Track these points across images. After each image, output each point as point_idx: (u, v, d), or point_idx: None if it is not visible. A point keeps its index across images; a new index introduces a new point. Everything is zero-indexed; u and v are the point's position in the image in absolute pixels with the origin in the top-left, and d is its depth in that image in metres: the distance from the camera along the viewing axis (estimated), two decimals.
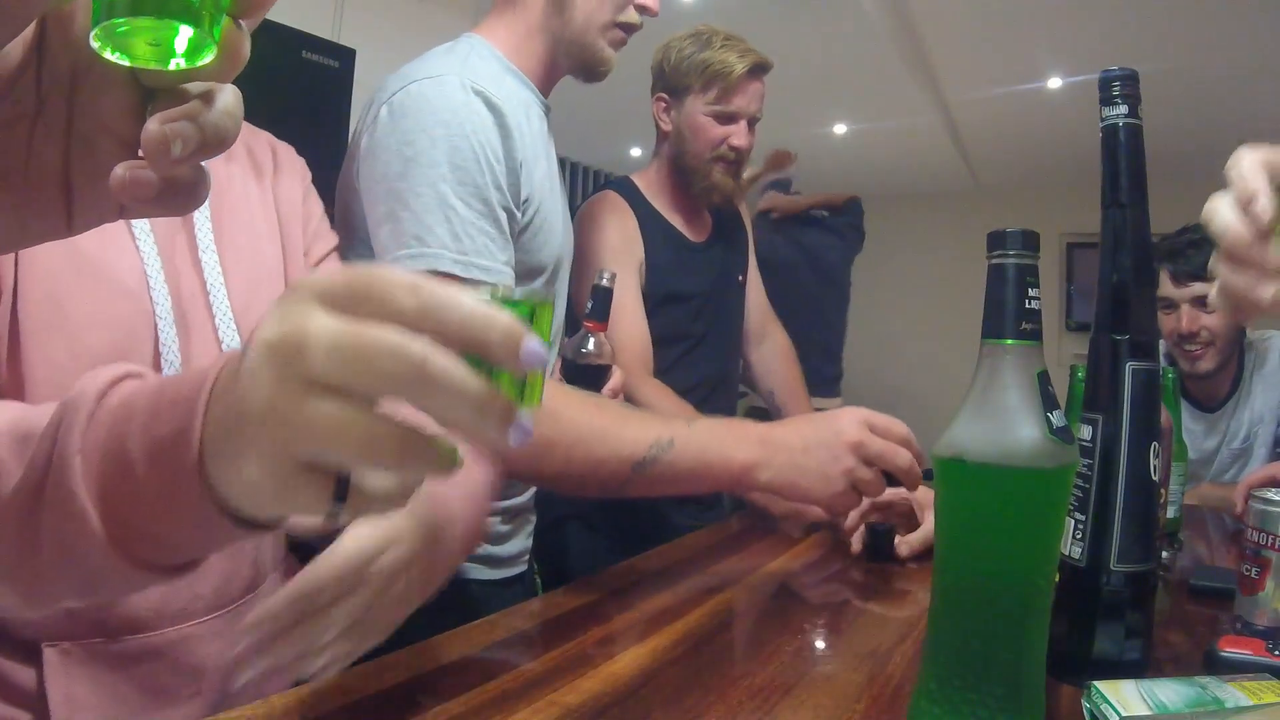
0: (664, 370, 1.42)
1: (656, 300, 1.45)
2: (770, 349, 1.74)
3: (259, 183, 0.78)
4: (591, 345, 1.03)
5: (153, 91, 0.30)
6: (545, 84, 1.07)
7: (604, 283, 1.03)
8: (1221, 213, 0.48)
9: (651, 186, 1.53)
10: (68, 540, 0.37)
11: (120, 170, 0.28)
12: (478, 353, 0.30)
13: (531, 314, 0.35)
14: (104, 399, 0.38)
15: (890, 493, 0.93)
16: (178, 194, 0.30)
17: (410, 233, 0.84)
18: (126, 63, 0.27)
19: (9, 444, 0.39)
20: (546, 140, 1.06)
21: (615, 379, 1.09)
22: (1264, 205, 0.45)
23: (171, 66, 0.28)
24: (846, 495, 0.81)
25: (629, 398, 1.30)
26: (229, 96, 0.30)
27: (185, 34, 0.26)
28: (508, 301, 0.33)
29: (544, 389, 0.39)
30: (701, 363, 1.53)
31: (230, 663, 0.49)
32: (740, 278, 1.64)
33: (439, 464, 0.31)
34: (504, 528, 1.11)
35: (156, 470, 0.35)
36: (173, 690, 0.64)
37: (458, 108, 0.87)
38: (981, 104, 4.11)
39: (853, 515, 1.02)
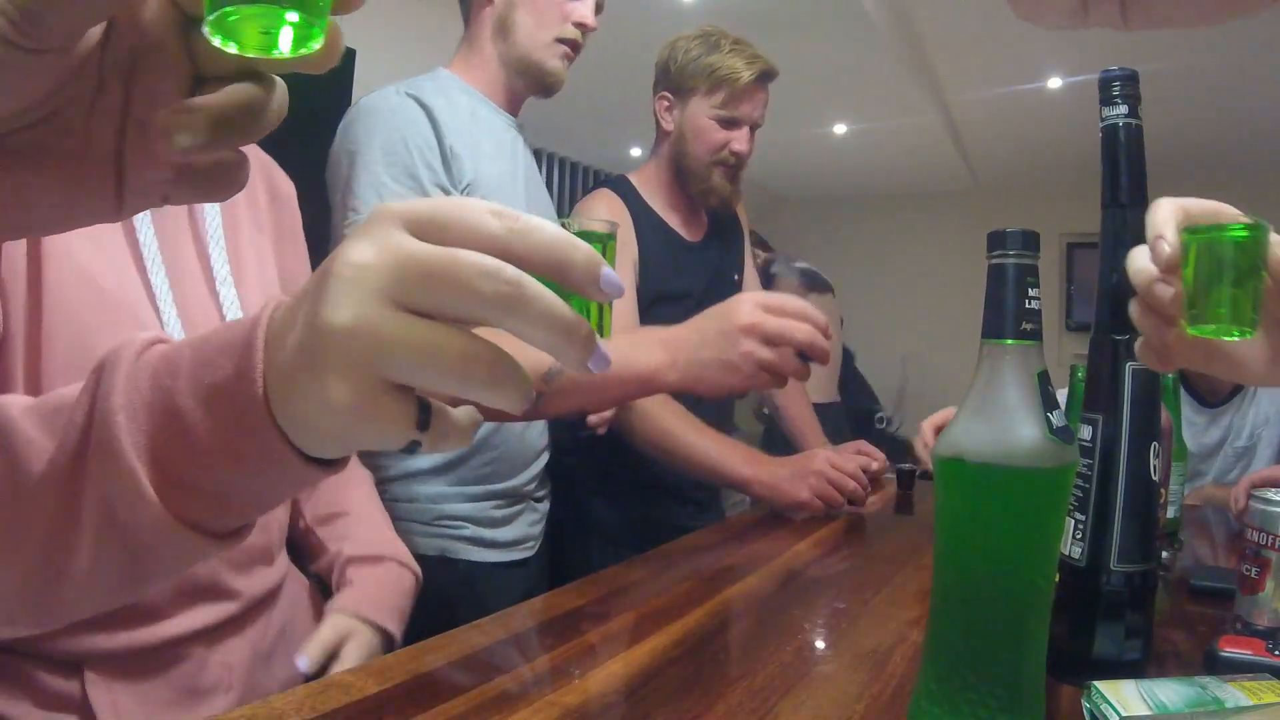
0: None
1: (650, 299, 1.45)
2: None
3: (257, 217, 0.79)
4: None
5: (203, 79, 0.30)
6: (511, 105, 1.24)
7: None
8: (1136, 258, 0.51)
9: (648, 184, 1.53)
10: (113, 509, 0.35)
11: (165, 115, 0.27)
12: (560, 278, 0.31)
13: (603, 246, 0.36)
14: (141, 357, 0.37)
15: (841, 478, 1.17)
16: (217, 178, 0.29)
17: (349, 206, 1.04)
18: (236, 51, 0.27)
19: (36, 420, 0.37)
20: (517, 151, 1.24)
21: None
22: (1167, 243, 0.47)
23: (278, 55, 0.28)
24: (755, 378, 0.80)
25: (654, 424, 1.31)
26: (251, 95, 0.29)
27: (294, 21, 0.27)
28: (580, 233, 0.35)
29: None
30: None
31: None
32: (736, 277, 1.64)
33: (520, 391, 0.31)
34: (498, 513, 1.12)
35: (214, 416, 0.34)
36: (207, 687, 0.66)
37: (394, 108, 1.06)
38: (981, 104, 4.11)
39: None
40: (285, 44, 0.27)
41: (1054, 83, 3.75)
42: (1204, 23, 0.37)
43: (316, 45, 0.28)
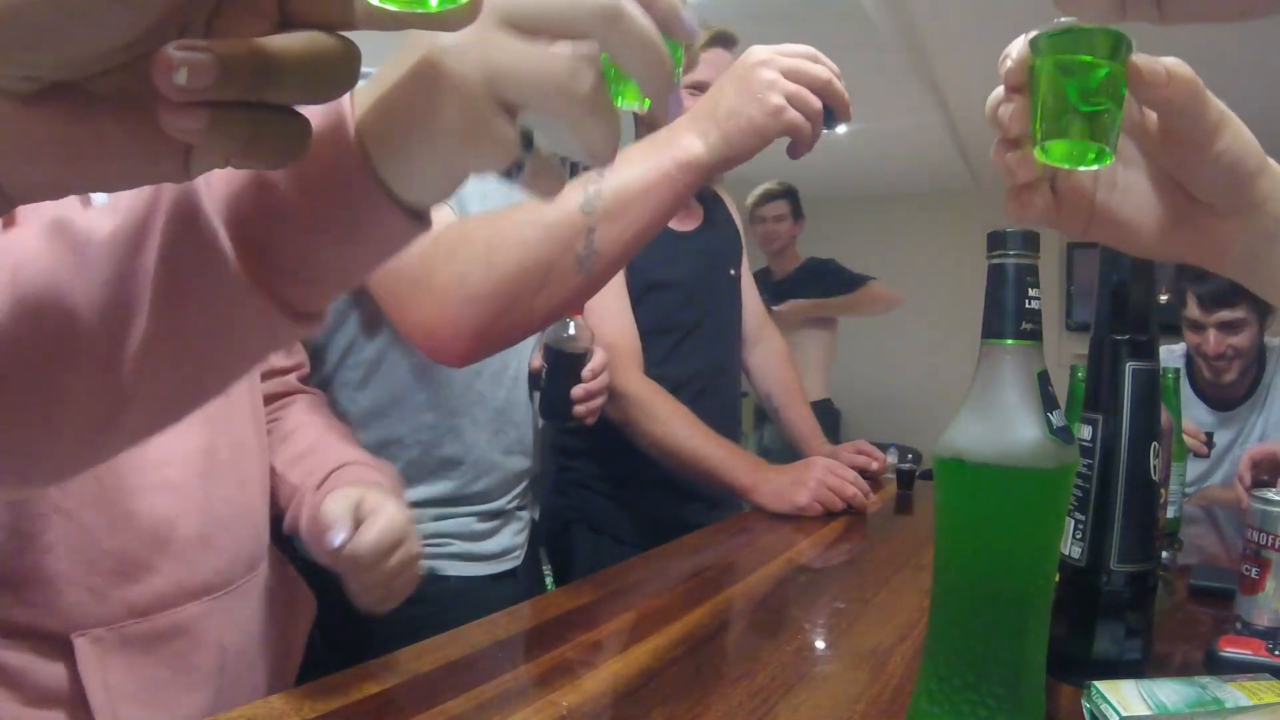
0: (657, 363, 1.42)
1: (640, 288, 1.45)
2: (766, 351, 1.74)
3: None
4: (572, 329, 1.06)
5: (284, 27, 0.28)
6: None
7: None
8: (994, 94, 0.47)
9: None
10: (186, 280, 0.33)
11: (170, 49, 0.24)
12: (646, 5, 0.33)
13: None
14: None
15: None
16: (264, 141, 0.27)
17: None
18: (393, 8, 0.27)
19: (101, 208, 0.35)
20: None
21: (597, 359, 1.10)
22: (1010, 58, 0.44)
23: (427, 7, 0.28)
24: (785, 112, 0.72)
25: (621, 395, 1.30)
26: (286, 49, 0.26)
27: None
28: None
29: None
30: (695, 354, 1.52)
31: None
32: (733, 271, 1.64)
33: (612, 122, 0.33)
34: (481, 525, 1.11)
35: (301, 175, 0.33)
36: (200, 668, 0.65)
37: None
38: (981, 104, 4.07)
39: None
40: None
41: None
42: (1240, 17, 0.35)
43: None
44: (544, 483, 1.48)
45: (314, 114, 0.32)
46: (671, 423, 1.31)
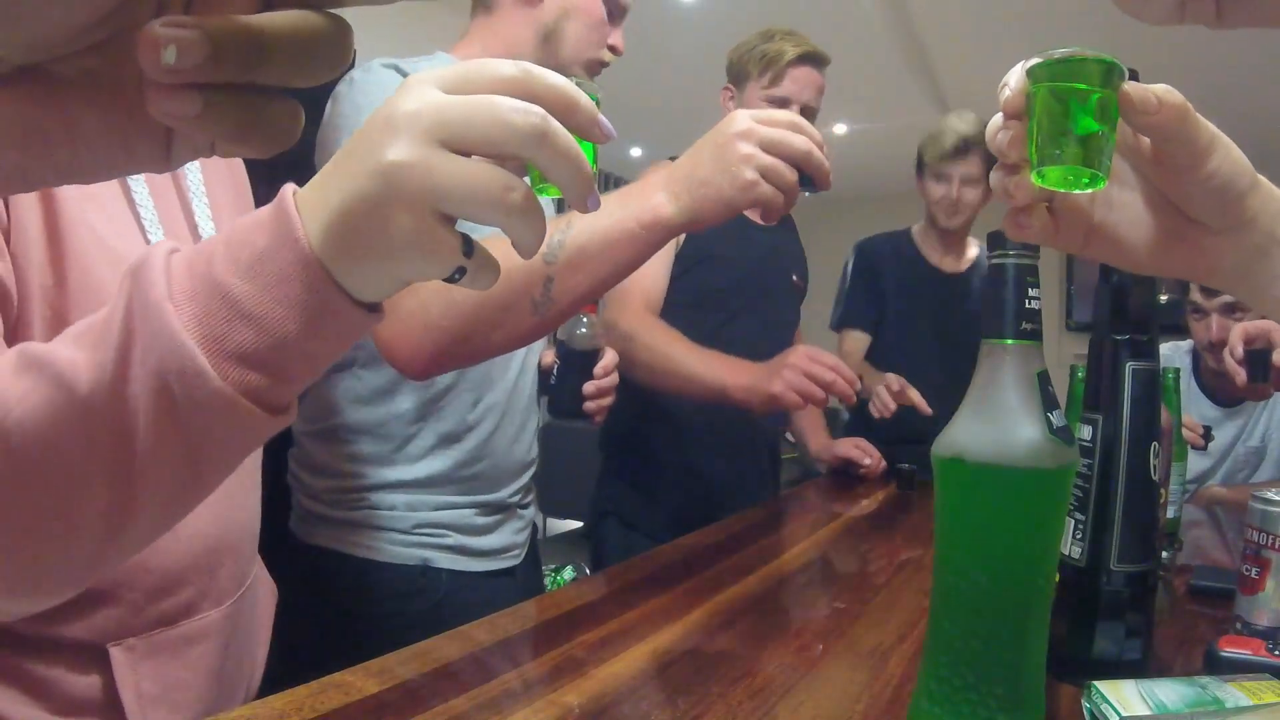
0: (691, 338, 1.43)
1: (692, 258, 1.47)
2: None
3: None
4: (585, 327, 1.07)
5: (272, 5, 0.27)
6: None
7: None
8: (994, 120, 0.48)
9: None
10: (170, 399, 0.36)
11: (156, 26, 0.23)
12: (566, 117, 0.36)
13: (596, 101, 0.40)
14: (170, 257, 0.38)
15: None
16: (253, 126, 0.26)
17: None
18: None
19: (69, 342, 0.38)
20: None
21: (608, 358, 1.10)
22: (1009, 87, 0.44)
23: None
24: (757, 186, 0.73)
25: (626, 336, 1.31)
26: (277, 26, 0.25)
27: None
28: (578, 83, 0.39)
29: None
30: (733, 342, 1.53)
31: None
32: (795, 277, 1.65)
33: (541, 224, 0.36)
34: (480, 520, 1.11)
35: (259, 283, 0.36)
36: (210, 668, 0.67)
37: (378, 80, 1.01)
38: (981, 104, 4.10)
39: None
40: None
41: None
42: None
43: None
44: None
45: (261, 234, 0.36)
46: (660, 344, 1.32)
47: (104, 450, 0.37)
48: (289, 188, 0.38)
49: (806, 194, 0.78)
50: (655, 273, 1.43)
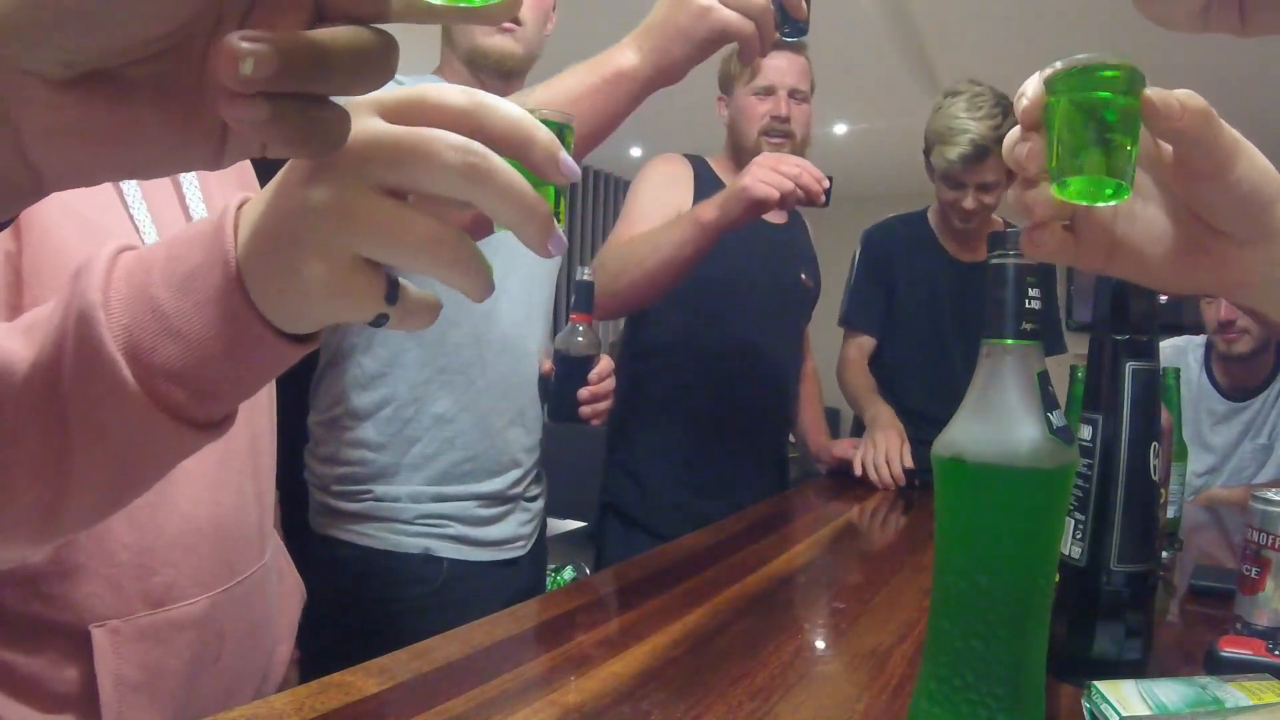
0: (690, 313, 1.46)
1: None
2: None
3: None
4: (581, 336, 1.09)
5: (324, 19, 0.28)
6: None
7: (585, 277, 1.09)
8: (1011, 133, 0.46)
9: (720, 166, 1.59)
10: (98, 405, 0.36)
11: (234, 39, 0.24)
12: (521, 155, 0.33)
13: (560, 133, 0.37)
14: (115, 259, 0.37)
15: None
16: (316, 132, 0.28)
17: None
18: (439, 1, 0.27)
19: (16, 335, 0.38)
20: None
21: (603, 364, 1.11)
22: (1026, 97, 0.43)
23: (468, 3, 0.28)
24: (713, 9, 0.72)
25: (599, 272, 1.28)
26: (338, 41, 0.26)
27: None
28: (540, 119, 0.35)
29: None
30: (739, 337, 1.53)
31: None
32: (803, 275, 1.66)
33: (482, 276, 0.33)
34: (484, 512, 1.12)
35: (190, 301, 0.35)
36: (201, 658, 0.66)
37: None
38: None
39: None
40: None
41: None
42: None
43: None
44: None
45: (198, 250, 0.35)
46: (624, 243, 1.30)
47: (33, 443, 0.37)
48: (237, 199, 0.36)
49: (791, 39, 0.76)
50: (647, 221, 1.38)
